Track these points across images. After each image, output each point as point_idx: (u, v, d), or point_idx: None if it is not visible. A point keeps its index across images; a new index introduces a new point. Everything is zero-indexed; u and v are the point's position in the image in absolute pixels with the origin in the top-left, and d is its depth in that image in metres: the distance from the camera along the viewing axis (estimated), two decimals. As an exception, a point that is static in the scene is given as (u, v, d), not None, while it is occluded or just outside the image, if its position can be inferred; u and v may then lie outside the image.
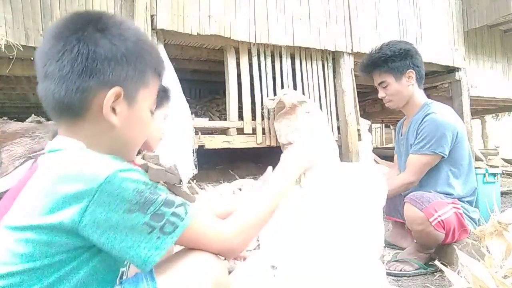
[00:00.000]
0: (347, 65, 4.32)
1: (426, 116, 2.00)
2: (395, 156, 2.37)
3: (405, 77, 2.06)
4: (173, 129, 3.13)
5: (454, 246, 1.73)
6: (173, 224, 0.73)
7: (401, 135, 2.24)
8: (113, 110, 0.77)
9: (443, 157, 1.95)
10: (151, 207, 0.70)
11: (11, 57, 2.81)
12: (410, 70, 2.06)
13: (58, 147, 0.76)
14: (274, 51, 4.01)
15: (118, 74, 0.76)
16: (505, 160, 7.08)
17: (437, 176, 1.99)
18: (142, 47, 0.79)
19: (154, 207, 0.71)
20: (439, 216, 1.76)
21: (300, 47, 4.09)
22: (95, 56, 0.73)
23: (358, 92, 4.41)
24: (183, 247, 0.82)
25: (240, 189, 2.80)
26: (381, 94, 2.15)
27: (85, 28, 0.75)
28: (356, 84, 4.39)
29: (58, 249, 0.68)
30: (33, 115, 2.97)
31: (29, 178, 0.76)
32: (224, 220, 0.86)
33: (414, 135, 2.05)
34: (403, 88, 2.08)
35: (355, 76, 4.34)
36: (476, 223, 1.97)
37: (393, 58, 2.06)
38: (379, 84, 2.14)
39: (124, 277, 0.82)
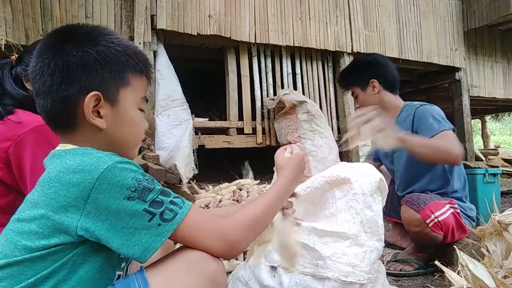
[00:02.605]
0: (347, 65, 4.32)
1: (415, 111, 2.01)
2: (382, 167, 2.34)
3: (369, 87, 2.17)
4: (173, 129, 3.13)
5: (454, 246, 1.73)
6: (172, 211, 0.75)
7: None
8: (98, 113, 0.80)
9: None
10: (149, 195, 0.73)
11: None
12: (372, 79, 2.15)
13: (59, 149, 0.81)
14: (274, 51, 4.00)
15: (93, 78, 0.79)
16: (505, 160, 7.08)
17: (434, 169, 1.99)
18: (116, 49, 0.81)
19: (153, 194, 0.74)
20: (436, 217, 1.76)
21: (300, 47, 4.09)
22: (68, 65, 0.77)
23: (358, 92, 4.41)
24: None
25: (240, 189, 2.80)
26: (355, 104, 2.31)
27: (58, 42, 0.80)
28: (356, 84, 4.38)
29: (56, 240, 0.70)
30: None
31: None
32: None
33: (409, 132, 2.03)
34: (369, 97, 2.18)
35: (355, 76, 4.33)
36: (474, 221, 1.97)
37: (355, 72, 2.26)
38: (352, 95, 2.31)
39: None
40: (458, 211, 1.87)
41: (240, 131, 3.76)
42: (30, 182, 1.18)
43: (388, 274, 1.74)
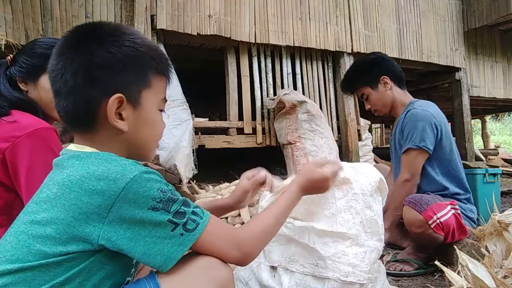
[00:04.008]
0: (347, 65, 4.31)
1: (407, 113, 2.05)
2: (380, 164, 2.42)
3: (380, 84, 2.15)
4: (173, 129, 3.13)
5: (454, 246, 1.73)
6: (194, 221, 0.75)
7: (391, 136, 2.29)
8: (120, 115, 0.79)
9: (428, 152, 1.96)
10: (173, 206, 0.73)
11: (11, 57, 2.81)
12: (383, 76, 2.13)
13: (77, 150, 0.79)
14: (274, 51, 4.00)
15: (117, 80, 0.77)
16: (505, 160, 7.08)
17: (427, 174, 2.00)
18: (139, 50, 0.80)
19: (176, 205, 0.74)
20: (438, 218, 1.76)
21: (300, 47, 4.09)
22: (93, 66, 0.76)
23: (358, 92, 4.41)
24: None
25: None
26: (366, 106, 2.25)
27: (82, 41, 0.78)
28: (356, 84, 4.38)
29: (73, 248, 0.69)
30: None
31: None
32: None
33: (400, 134, 2.09)
34: (382, 95, 2.16)
35: (355, 76, 4.33)
36: (474, 222, 1.97)
37: (362, 72, 2.19)
38: (361, 97, 2.24)
39: None
40: (459, 212, 1.87)
41: (240, 131, 3.76)
42: (26, 187, 1.15)
43: (388, 274, 1.74)
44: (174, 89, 3.28)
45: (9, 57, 1.35)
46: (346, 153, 4.20)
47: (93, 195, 0.69)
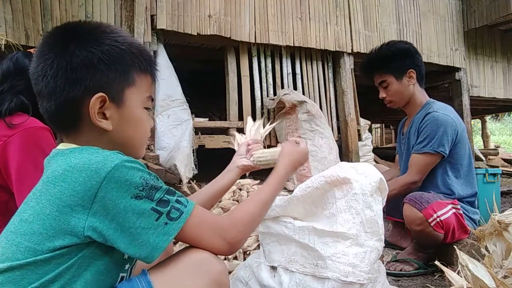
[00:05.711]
0: (347, 65, 4.32)
1: (427, 114, 2.00)
2: (397, 156, 2.37)
3: (406, 77, 2.07)
4: (173, 129, 3.13)
5: (454, 246, 1.73)
6: (178, 210, 0.75)
7: (402, 135, 2.24)
8: (104, 115, 0.78)
9: (443, 156, 1.95)
10: (156, 194, 0.73)
11: (11, 57, 2.80)
12: (411, 69, 2.06)
13: (64, 148, 0.79)
14: (274, 51, 4.01)
15: (98, 79, 0.77)
16: (505, 160, 7.08)
17: (436, 176, 1.99)
18: (120, 48, 0.79)
19: (160, 193, 0.73)
20: (438, 217, 1.76)
21: (300, 47, 4.09)
22: (72, 66, 0.75)
23: (358, 92, 4.41)
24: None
25: (240, 189, 2.79)
26: (381, 94, 2.14)
27: (61, 41, 0.77)
28: (356, 84, 4.39)
29: (60, 242, 0.68)
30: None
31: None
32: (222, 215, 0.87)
33: (415, 134, 2.04)
34: (403, 88, 2.08)
35: (355, 76, 4.34)
36: (476, 224, 1.97)
37: (392, 58, 2.06)
38: (380, 84, 2.13)
39: None
40: (461, 212, 1.86)
41: (240, 131, 3.75)
42: (16, 186, 1.16)
43: (388, 274, 1.73)
44: (174, 89, 3.29)
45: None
46: (346, 153, 4.20)
47: (75, 187, 0.69)
